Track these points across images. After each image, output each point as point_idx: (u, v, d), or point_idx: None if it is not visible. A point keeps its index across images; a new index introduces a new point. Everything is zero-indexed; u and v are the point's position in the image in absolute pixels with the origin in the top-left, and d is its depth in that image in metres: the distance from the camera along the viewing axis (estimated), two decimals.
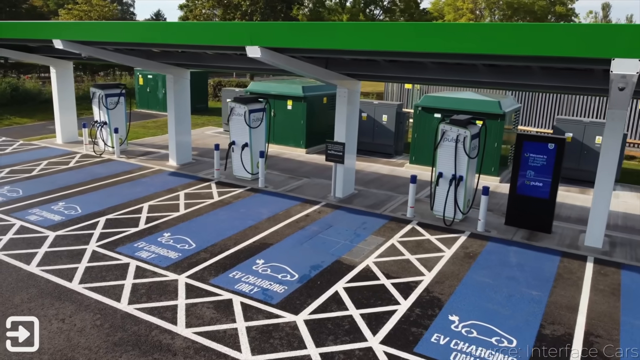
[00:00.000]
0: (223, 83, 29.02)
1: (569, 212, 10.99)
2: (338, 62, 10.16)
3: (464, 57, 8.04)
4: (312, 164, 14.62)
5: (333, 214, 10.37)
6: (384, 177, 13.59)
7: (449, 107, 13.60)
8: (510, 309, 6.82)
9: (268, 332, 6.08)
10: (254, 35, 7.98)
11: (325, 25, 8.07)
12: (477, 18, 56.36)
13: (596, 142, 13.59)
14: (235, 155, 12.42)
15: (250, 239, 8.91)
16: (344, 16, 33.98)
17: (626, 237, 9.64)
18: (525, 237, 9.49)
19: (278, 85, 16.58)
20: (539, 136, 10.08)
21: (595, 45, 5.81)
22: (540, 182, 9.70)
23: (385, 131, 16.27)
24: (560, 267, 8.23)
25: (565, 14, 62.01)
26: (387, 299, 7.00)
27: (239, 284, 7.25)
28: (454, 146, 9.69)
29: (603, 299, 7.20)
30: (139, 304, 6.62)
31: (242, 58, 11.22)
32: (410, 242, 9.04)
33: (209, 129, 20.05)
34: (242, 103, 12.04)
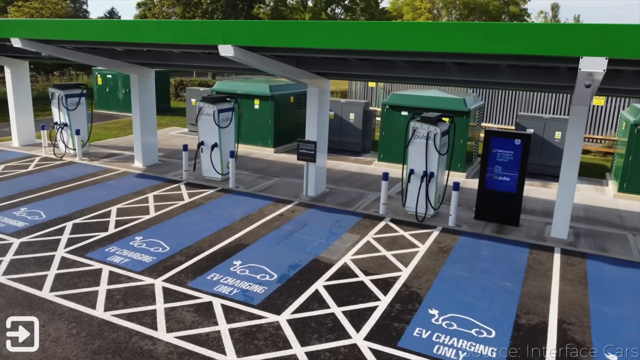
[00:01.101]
0: (185, 82, 28.50)
1: (533, 206, 11.37)
2: (309, 60, 10.17)
3: (434, 56, 8.19)
4: (281, 163, 14.56)
5: (307, 212, 10.37)
6: (354, 175, 13.69)
7: (416, 105, 13.82)
8: (486, 301, 7.01)
9: (252, 334, 6.03)
10: (227, 33, 7.88)
11: (299, 24, 8.04)
12: (435, 17, 57.50)
13: (556, 138, 14.12)
14: (205, 155, 12.24)
15: (225, 240, 8.80)
16: (306, 15, 33.99)
17: (588, 228, 10.06)
18: (495, 230, 9.76)
19: (245, 84, 16.43)
20: (506, 132, 10.38)
21: (565, 44, 6.04)
22: (508, 177, 9.99)
23: (352, 129, 16.38)
24: (530, 258, 8.51)
25: (519, 13, 64.05)
26: (367, 295, 7.06)
27: (218, 286, 7.16)
28: (424, 143, 9.85)
29: (572, 287, 7.49)
30: (116, 310, 6.44)
31: (211, 57, 11.08)
32: (385, 239, 9.14)
33: (173, 130, 19.66)
34: (210, 103, 11.87)
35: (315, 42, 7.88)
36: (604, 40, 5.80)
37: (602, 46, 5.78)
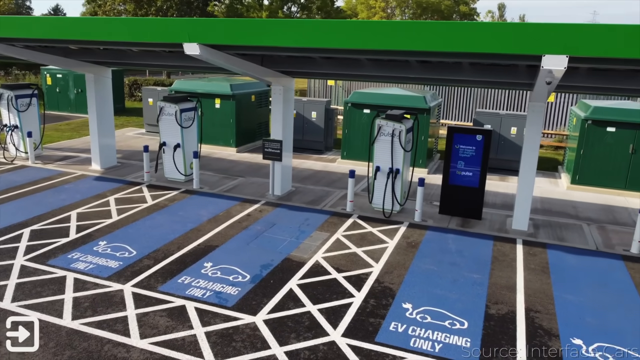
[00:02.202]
0: (139, 82, 27.73)
1: (494, 199, 11.74)
2: (274, 59, 10.12)
3: (399, 54, 8.32)
4: (245, 163, 14.43)
5: (274, 212, 10.32)
6: (319, 173, 13.73)
7: (378, 102, 14.00)
8: (457, 293, 7.19)
9: (229, 336, 5.95)
10: (193, 32, 7.72)
11: (266, 22, 7.97)
12: (389, 16, 58.38)
13: (512, 133, 14.63)
14: (167, 156, 11.96)
15: (193, 242, 8.65)
16: (263, 13, 33.76)
17: (546, 219, 10.48)
18: (459, 224, 10.02)
19: (205, 83, 16.17)
20: (467, 128, 10.67)
21: (529, 43, 6.28)
22: (470, 172, 10.28)
23: (315, 128, 16.43)
24: (495, 250, 8.79)
25: (469, 13, 65.97)
26: (341, 292, 7.10)
27: (190, 289, 7.02)
28: (390, 140, 9.99)
29: (536, 277, 7.80)
30: (85, 318, 6.21)
31: (172, 55, 10.85)
32: (355, 236, 9.22)
33: (130, 130, 19.11)
34: (172, 102, 11.61)
35: (283, 41, 7.85)
36: (565, 39, 6.07)
37: (563, 45, 6.05)
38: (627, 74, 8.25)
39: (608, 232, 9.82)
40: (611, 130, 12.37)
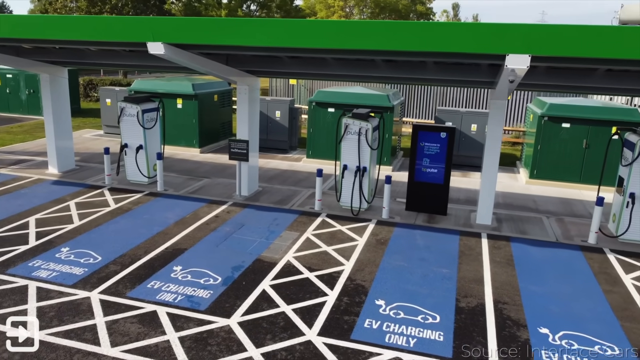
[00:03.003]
0: (95, 81, 26.87)
1: (457, 195, 12.01)
2: (239, 58, 10.01)
3: (365, 53, 8.40)
4: (209, 164, 14.22)
5: (243, 212, 10.22)
6: (285, 172, 13.69)
7: (342, 101, 14.09)
8: (427, 288, 7.32)
9: (203, 340, 5.86)
10: (157, 30, 7.54)
11: (232, 22, 7.88)
12: (347, 15, 58.76)
13: (472, 130, 15.01)
14: (129, 158, 11.64)
15: (161, 245, 8.46)
16: (222, 11, 33.32)
17: (508, 213, 10.82)
18: (426, 220, 10.21)
19: (166, 83, 15.83)
20: (432, 126, 10.88)
21: (494, 43, 6.46)
22: (435, 169, 10.48)
23: (279, 127, 16.36)
24: (461, 244, 9.01)
25: (425, 12, 67.16)
26: (314, 291, 7.11)
27: (160, 293, 6.87)
28: (357, 139, 10.07)
29: (501, 269, 8.04)
30: (51, 328, 5.97)
31: (132, 54, 10.57)
32: (324, 234, 9.25)
33: (87, 132, 18.50)
34: (133, 103, 11.31)
35: (250, 40, 7.77)
36: (528, 38, 6.28)
37: (526, 44, 6.25)
38: (582, 72, 8.62)
39: (566, 224, 10.23)
40: (566, 126, 12.88)
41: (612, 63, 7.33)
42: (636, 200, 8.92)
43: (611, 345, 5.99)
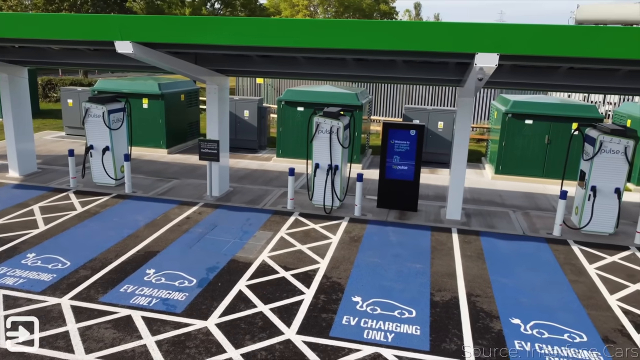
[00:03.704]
0: (54, 81, 26.01)
1: (426, 191, 12.22)
2: (208, 57, 9.90)
3: (335, 52, 8.45)
4: (178, 164, 14.01)
5: (215, 213, 10.12)
6: (255, 172, 13.62)
7: (312, 100, 14.11)
8: (402, 283, 7.44)
9: (181, 343, 5.78)
10: (126, 29, 7.37)
11: (202, 20, 7.79)
12: (312, 14, 58.79)
13: (439, 127, 15.29)
14: (95, 160, 11.35)
15: (132, 248, 8.29)
16: (186, 9, 32.79)
17: (476, 208, 11.09)
18: (397, 217, 10.35)
19: (131, 82, 15.48)
20: (402, 124, 11.03)
21: (464, 42, 6.61)
22: (405, 166, 10.64)
23: (247, 126, 16.26)
24: (433, 240, 9.18)
25: (388, 11, 67.88)
26: (291, 290, 7.12)
27: (134, 297, 6.74)
28: (328, 137, 10.12)
29: (473, 263, 8.24)
30: (21, 337, 5.77)
31: (97, 54, 10.30)
32: (298, 233, 9.26)
33: (48, 134, 17.91)
34: (99, 103, 11.03)
35: (221, 39, 7.71)
36: (496, 38, 6.46)
37: (495, 43, 6.43)
38: (545, 70, 8.91)
39: (532, 218, 10.56)
40: (529, 122, 13.28)
41: (574, 61, 7.62)
42: (597, 193, 9.29)
43: (579, 333, 6.23)
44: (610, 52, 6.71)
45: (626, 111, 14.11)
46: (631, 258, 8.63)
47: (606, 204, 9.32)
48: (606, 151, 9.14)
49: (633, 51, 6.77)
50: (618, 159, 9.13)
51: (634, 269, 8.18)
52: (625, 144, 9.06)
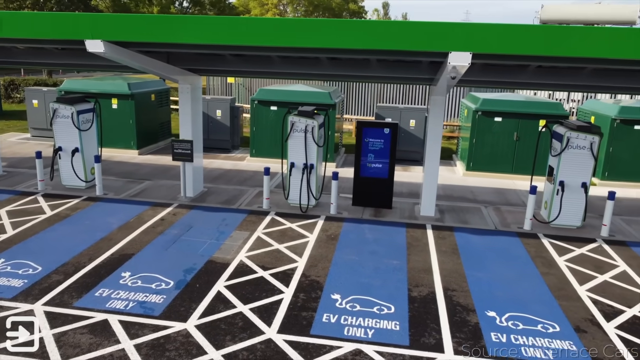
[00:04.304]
0: (17, 82, 25.20)
1: (400, 188, 12.36)
2: (180, 56, 9.78)
3: (308, 51, 8.47)
4: (149, 165, 13.78)
5: (189, 214, 10.01)
6: (229, 172, 13.52)
7: (285, 99, 14.10)
8: (380, 280, 7.52)
9: (160, 346, 5.71)
10: (97, 28, 7.21)
11: (175, 19, 7.69)
12: (281, 13, 58.63)
13: (411, 125, 15.48)
14: (64, 162, 11.06)
15: (106, 252, 8.13)
16: (154, 8, 32.23)
17: (449, 204, 11.29)
18: (373, 214, 10.45)
19: (99, 82, 15.15)
20: (376, 122, 11.13)
21: (438, 41, 6.72)
22: (380, 164, 10.74)
23: (220, 126, 16.12)
24: (408, 236, 9.30)
25: (357, 11, 68.27)
26: (270, 289, 7.11)
27: (110, 301, 6.61)
28: (303, 136, 10.13)
29: (448, 258, 8.39)
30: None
31: (64, 53, 10.05)
32: (275, 232, 9.25)
33: (12, 136, 17.35)
34: (67, 104, 10.76)
35: (194, 37, 7.63)
36: (470, 37, 6.59)
37: (468, 42, 6.57)
38: (515, 68, 9.13)
39: (503, 213, 10.81)
40: (498, 120, 13.59)
41: (543, 60, 7.84)
42: (565, 188, 9.58)
43: (552, 324, 6.43)
44: (577, 51, 6.94)
45: (590, 108, 14.59)
46: (598, 250, 8.94)
47: (574, 198, 9.63)
48: (573, 147, 9.44)
49: (598, 50, 7.02)
50: (584, 154, 9.44)
51: (601, 261, 8.48)
52: (591, 140, 9.38)
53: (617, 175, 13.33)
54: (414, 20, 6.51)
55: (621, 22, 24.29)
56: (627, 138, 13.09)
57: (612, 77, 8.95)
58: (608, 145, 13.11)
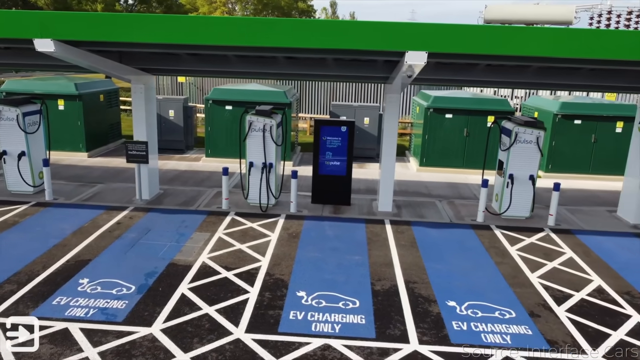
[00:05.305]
0: None
1: (357, 185, 12.56)
2: (133, 55, 9.55)
3: (266, 50, 8.49)
4: (101, 168, 13.36)
5: (147, 217, 9.80)
6: (185, 173, 13.30)
7: (240, 99, 14.01)
8: (343, 275, 7.65)
9: (126, 352, 5.60)
10: (46, 26, 6.93)
11: (129, 17, 7.52)
12: (230, 12, 57.92)
13: (365, 123, 15.74)
14: (10, 167, 10.55)
15: (61, 258, 7.84)
16: (97, 5, 31.10)
17: (405, 200, 11.58)
18: (332, 211, 10.58)
19: (44, 83, 14.51)
20: (333, 120, 11.24)
21: (395, 40, 6.90)
22: (338, 161, 10.88)
23: (173, 127, 15.82)
24: (368, 232, 9.49)
25: (307, 10, 68.40)
26: (235, 290, 7.10)
27: (69, 309, 6.40)
28: (262, 136, 10.12)
29: (407, 252, 8.63)
30: None
31: (8, 52, 9.60)
32: (236, 232, 9.21)
33: None
34: (12, 105, 10.26)
35: (149, 36, 7.50)
36: (426, 36, 6.81)
37: (425, 42, 6.78)
38: (465, 67, 9.49)
39: (457, 206, 11.21)
40: (449, 116, 14.05)
41: (492, 59, 8.20)
42: (514, 181, 10.04)
43: (508, 310, 6.76)
44: (524, 50, 7.32)
45: (533, 104, 15.33)
46: (546, 238, 9.44)
47: (522, 191, 10.11)
48: (521, 141, 9.91)
49: (541, 49, 7.43)
50: (531, 148, 9.93)
51: (549, 249, 8.97)
52: (537, 134, 9.87)
53: (559, 167, 14.08)
54: (373, 21, 6.66)
55: (559, 22, 25.63)
56: (568, 132, 13.85)
57: (554, 75, 9.47)
58: (551, 140, 13.82)
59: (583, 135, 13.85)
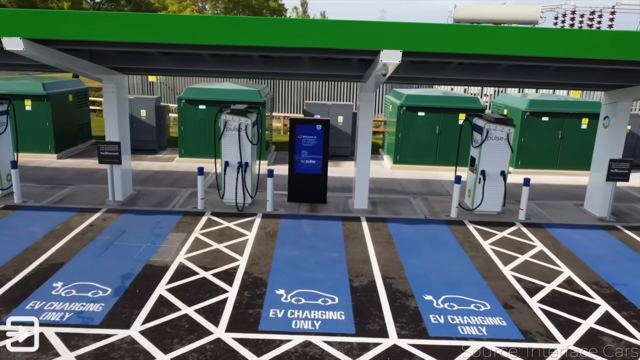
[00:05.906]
0: None
1: (333, 183, 12.63)
2: (104, 54, 9.38)
3: (240, 49, 8.47)
4: (71, 170, 13.07)
5: (121, 218, 9.65)
6: (158, 173, 13.14)
7: (213, 98, 13.90)
8: (321, 273, 7.71)
9: (104, 355, 5.52)
10: (15, 24, 6.76)
11: (100, 15, 7.39)
12: (200, 10, 57.32)
13: (339, 121, 15.83)
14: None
15: (33, 262, 7.67)
16: (64, 3, 30.32)
17: (380, 197, 11.72)
18: (308, 209, 10.63)
19: (9, 83, 14.11)
20: (308, 119, 11.28)
21: (370, 39, 6.98)
22: (313, 160, 10.93)
23: (145, 127, 15.59)
24: (344, 229, 9.57)
25: (278, 8, 68.22)
26: (214, 289, 7.07)
27: (44, 314, 6.28)
28: (237, 135, 10.09)
29: (384, 248, 8.74)
30: None
31: None
32: (213, 232, 9.17)
33: None
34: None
35: (121, 35, 7.41)
36: (400, 35, 6.92)
37: (399, 41, 6.89)
38: (438, 65, 9.66)
39: (431, 203, 11.40)
40: (422, 114, 14.26)
41: (464, 57, 8.38)
42: (486, 177, 10.28)
43: (483, 302, 6.93)
44: (493, 49, 7.51)
45: (502, 102, 15.69)
46: (517, 232, 9.71)
47: (494, 186, 10.36)
48: (492, 138, 10.15)
49: (510, 47, 7.65)
50: (502, 144, 10.18)
51: (521, 242, 9.22)
52: (507, 131, 10.13)
53: (528, 163, 14.45)
54: (349, 20, 6.72)
55: (525, 22, 26.27)
56: (536, 129, 14.24)
57: (523, 73, 9.72)
58: (520, 136, 14.18)
59: (550, 132, 14.26)
